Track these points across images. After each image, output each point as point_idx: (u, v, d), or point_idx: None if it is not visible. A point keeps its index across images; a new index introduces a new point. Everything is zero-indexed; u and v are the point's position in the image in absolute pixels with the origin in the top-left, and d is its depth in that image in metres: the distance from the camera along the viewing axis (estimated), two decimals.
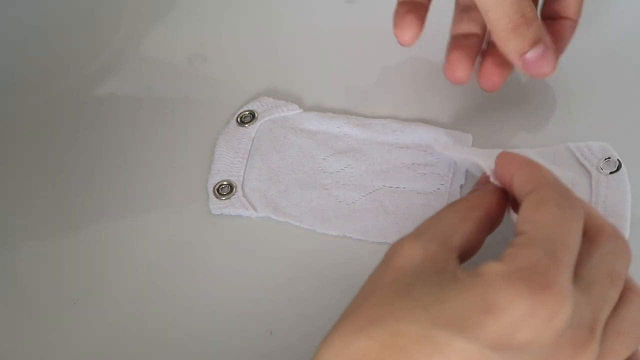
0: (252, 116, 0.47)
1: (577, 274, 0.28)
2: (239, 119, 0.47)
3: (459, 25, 0.42)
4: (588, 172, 0.41)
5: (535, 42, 0.37)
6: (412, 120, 0.46)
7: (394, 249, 0.30)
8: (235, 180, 0.44)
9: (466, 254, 0.31)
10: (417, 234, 0.31)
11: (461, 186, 0.43)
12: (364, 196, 0.43)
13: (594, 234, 0.30)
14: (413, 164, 0.44)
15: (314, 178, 0.44)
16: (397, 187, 0.43)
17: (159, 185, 0.45)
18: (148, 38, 0.53)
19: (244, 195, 0.43)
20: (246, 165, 0.45)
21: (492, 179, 0.34)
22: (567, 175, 0.40)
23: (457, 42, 0.42)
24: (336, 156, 0.45)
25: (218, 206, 0.43)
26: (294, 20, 0.52)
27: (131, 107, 0.49)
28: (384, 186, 0.43)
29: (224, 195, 0.44)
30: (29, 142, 0.48)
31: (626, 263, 0.30)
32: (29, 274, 0.42)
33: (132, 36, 0.53)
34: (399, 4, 0.42)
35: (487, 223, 0.32)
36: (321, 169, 0.44)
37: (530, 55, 0.37)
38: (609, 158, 0.41)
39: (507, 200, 0.33)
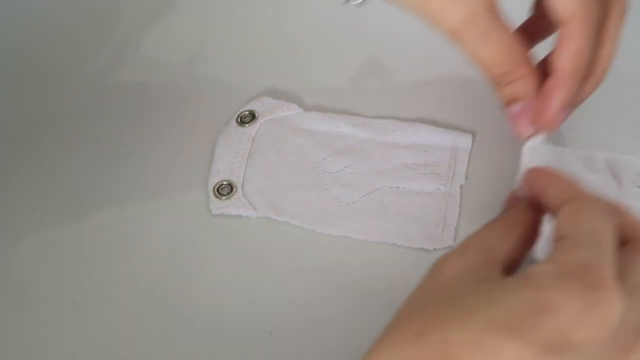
0: (252, 116, 0.47)
1: (622, 279, 0.28)
2: (239, 119, 0.47)
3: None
4: (620, 182, 0.41)
5: (511, 101, 0.36)
6: (412, 120, 0.46)
7: (439, 264, 0.30)
8: (235, 180, 0.44)
9: (509, 269, 0.31)
10: (461, 251, 0.31)
11: (461, 186, 0.43)
12: (364, 196, 0.43)
13: (638, 240, 0.30)
14: (413, 164, 0.44)
15: (314, 178, 0.44)
16: (397, 187, 0.43)
17: (159, 185, 0.45)
18: (148, 38, 0.53)
19: (244, 195, 0.43)
20: (246, 165, 0.45)
21: (522, 185, 0.35)
22: (594, 180, 0.40)
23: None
24: (336, 156, 0.45)
25: (218, 206, 0.43)
26: (294, 21, 0.52)
27: (131, 107, 0.49)
28: (384, 186, 0.43)
29: (224, 195, 0.44)
30: (29, 142, 0.48)
31: None
32: (30, 274, 0.42)
33: (132, 36, 0.53)
34: None
35: (526, 238, 0.32)
36: (321, 169, 0.44)
37: (508, 111, 0.36)
38: None
39: (541, 215, 0.33)
